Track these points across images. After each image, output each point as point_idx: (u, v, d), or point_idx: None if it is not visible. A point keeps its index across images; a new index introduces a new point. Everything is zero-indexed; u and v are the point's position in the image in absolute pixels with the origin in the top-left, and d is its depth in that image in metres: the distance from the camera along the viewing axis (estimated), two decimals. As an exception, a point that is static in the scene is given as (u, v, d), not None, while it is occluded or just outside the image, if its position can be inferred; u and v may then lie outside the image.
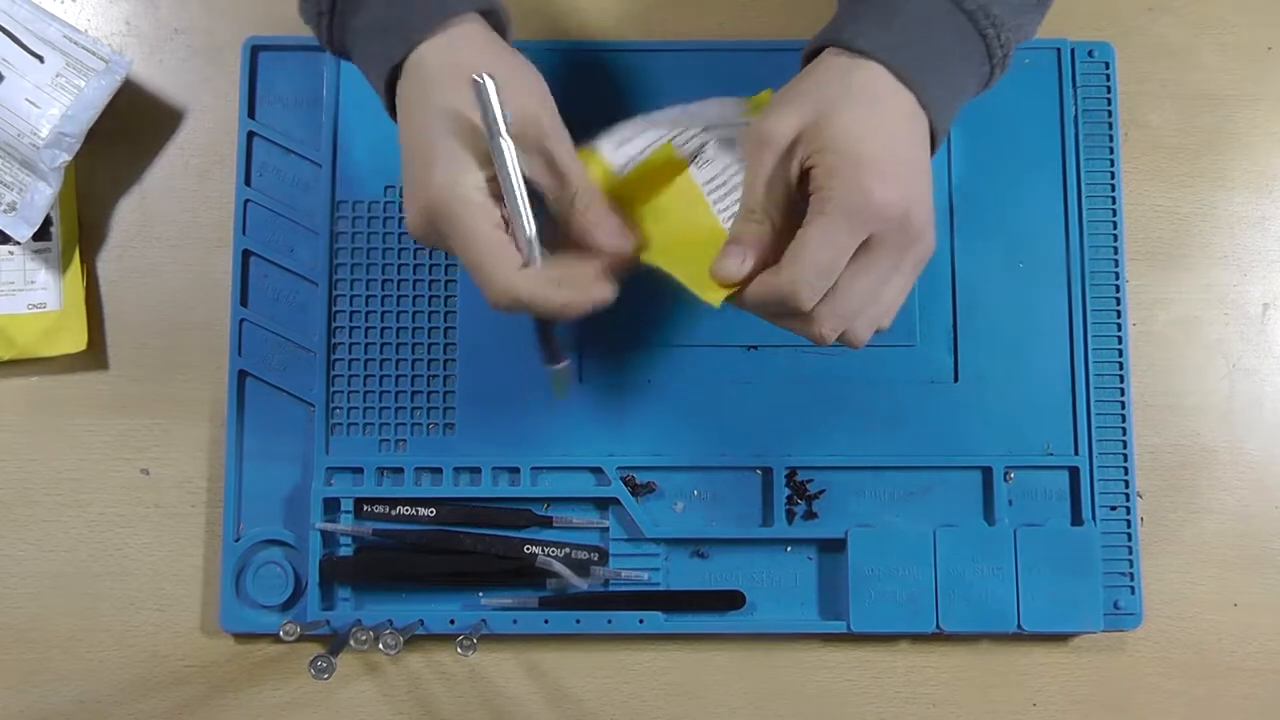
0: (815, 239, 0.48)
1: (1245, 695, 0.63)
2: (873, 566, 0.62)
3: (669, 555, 0.63)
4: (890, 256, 0.49)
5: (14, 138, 0.61)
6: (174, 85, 0.67)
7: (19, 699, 0.63)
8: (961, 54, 0.51)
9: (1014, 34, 0.52)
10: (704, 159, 0.55)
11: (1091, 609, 0.61)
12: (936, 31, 0.50)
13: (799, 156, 0.49)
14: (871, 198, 0.47)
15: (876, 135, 0.48)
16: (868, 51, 0.49)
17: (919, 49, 0.50)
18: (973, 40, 0.51)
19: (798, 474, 0.63)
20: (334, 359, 0.64)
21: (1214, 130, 0.67)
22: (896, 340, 0.64)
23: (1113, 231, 0.65)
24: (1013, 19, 0.52)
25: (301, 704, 0.63)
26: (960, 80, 0.52)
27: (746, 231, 0.50)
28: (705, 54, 0.66)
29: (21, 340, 0.63)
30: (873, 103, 0.49)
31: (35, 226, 0.62)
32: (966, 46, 0.51)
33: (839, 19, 0.52)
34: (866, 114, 0.49)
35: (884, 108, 0.49)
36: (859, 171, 0.47)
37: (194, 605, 0.63)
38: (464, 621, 0.61)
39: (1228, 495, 0.65)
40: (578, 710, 0.63)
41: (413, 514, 0.62)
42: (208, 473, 0.64)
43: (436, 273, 0.64)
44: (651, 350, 0.64)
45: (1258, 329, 0.66)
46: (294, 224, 0.64)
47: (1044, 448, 0.63)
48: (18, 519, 0.64)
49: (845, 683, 0.63)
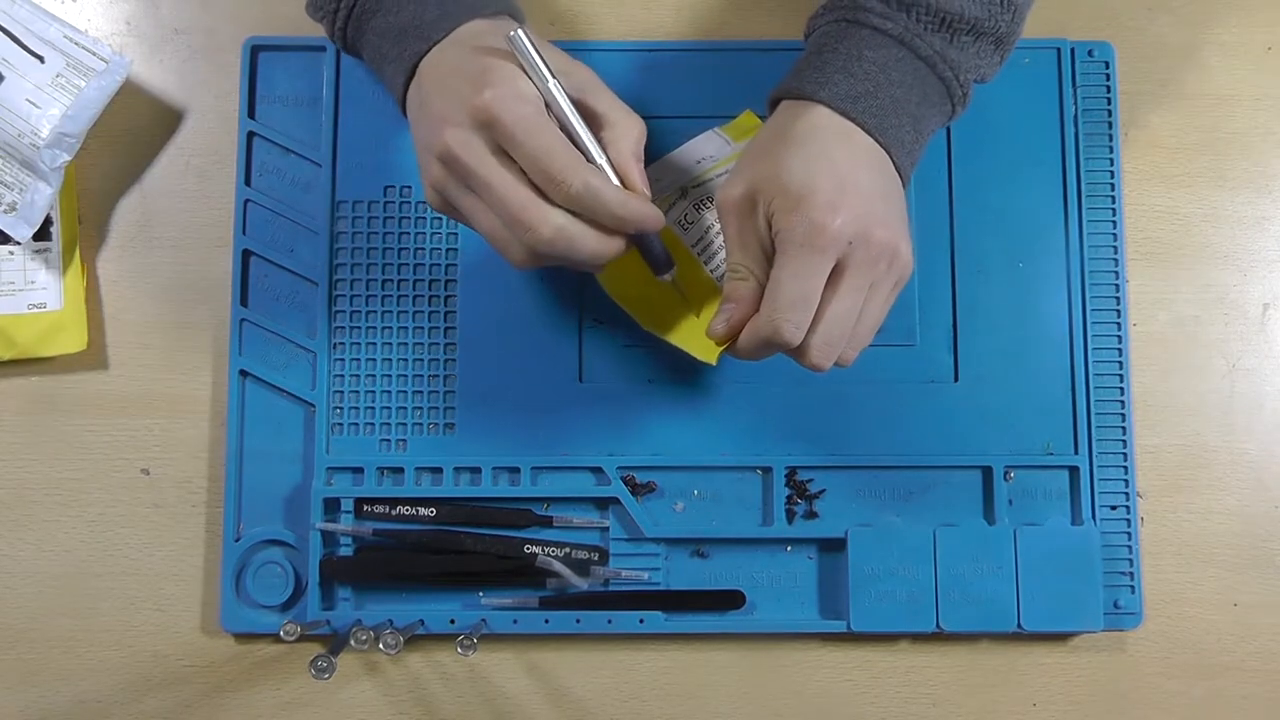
0: (783, 276, 0.51)
1: (1245, 695, 0.63)
2: (873, 566, 0.62)
3: (669, 555, 0.63)
4: (861, 277, 0.51)
5: (14, 138, 0.61)
6: (174, 85, 0.67)
7: (19, 699, 0.63)
8: (921, 95, 0.54)
9: (972, 74, 0.55)
10: (686, 222, 0.59)
11: (1091, 608, 0.61)
12: (896, 79, 0.53)
13: (762, 210, 0.52)
14: (825, 227, 0.50)
15: (824, 170, 0.51)
16: (821, 99, 0.52)
17: (881, 97, 0.53)
18: (931, 82, 0.54)
19: (798, 474, 0.63)
20: (334, 359, 0.64)
21: (1214, 130, 0.67)
22: (896, 340, 0.64)
23: (1113, 231, 0.65)
24: (970, 61, 0.55)
25: (301, 704, 0.63)
26: (922, 120, 0.54)
27: (733, 290, 0.53)
28: (705, 54, 0.66)
29: (21, 340, 0.63)
30: (821, 142, 0.52)
31: (35, 226, 0.62)
32: (926, 88, 0.54)
33: (799, 69, 0.55)
34: (816, 153, 0.51)
35: (832, 144, 0.52)
36: (808, 206, 0.50)
37: (194, 605, 0.63)
38: (464, 621, 0.61)
39: (1228, 495, 0.65)
40: (578, 710, 0.63)
41: (413, 514, 0.62)
42: (208, 473, 0.64)
43: (436, 273, 0.64)
44: (651, 350, 0.64)
45: (1258, 329, 0.66)
46: (294, 224, 0.64)
47: (1044, 447, 0.63)
48: (18, 519, 0.64)
49: (845, 683, 0.63)
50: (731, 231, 0.53)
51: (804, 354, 0.52)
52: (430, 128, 0.51)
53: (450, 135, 0.50)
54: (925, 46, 0.53)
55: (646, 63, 0.66)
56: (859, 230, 0.50)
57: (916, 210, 0.65)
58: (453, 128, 0.50)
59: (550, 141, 0.49)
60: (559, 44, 0.65)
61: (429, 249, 0.64)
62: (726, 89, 0.65)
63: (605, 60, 0.65)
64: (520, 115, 0.49)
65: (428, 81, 0.52)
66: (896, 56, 0.53)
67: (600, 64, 0.65)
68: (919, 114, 0.54)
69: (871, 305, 0.53)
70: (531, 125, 0.49)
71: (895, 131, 0.53)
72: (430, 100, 0.51)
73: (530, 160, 0.49)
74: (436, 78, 0.52)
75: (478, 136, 0.50)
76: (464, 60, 0.51)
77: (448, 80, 0.51)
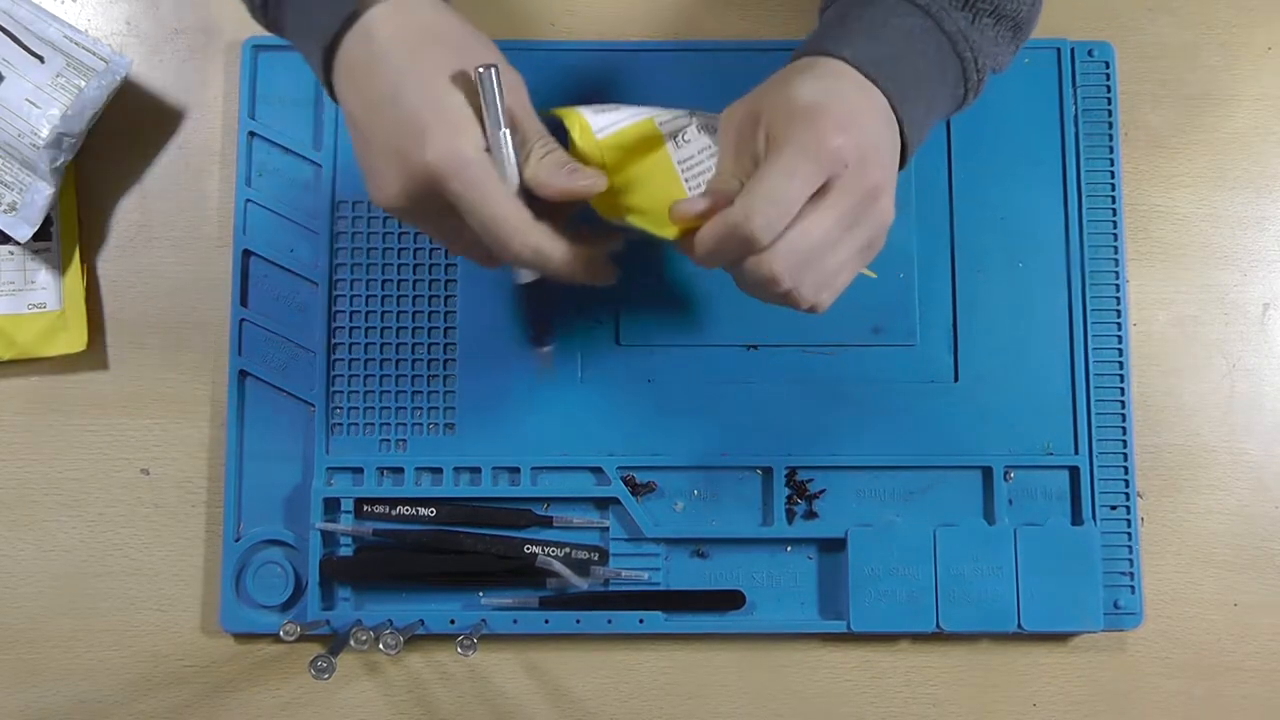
0: (769, 171, 0.48)
1: (1245, 695, 0.63)
2: (873, 566, 0.62)
3: (669, 555, 0.63)
4: (847, 202, 0.49)
5: (14, 138, 0.61)
6: (174, 85, 0.67)
7: (19, 699, 0.63)
8: (939, 72, 0.53)
9: (989, 61, 0.54)
10: (683, 139, 0.55)
11: (1091, 608, 0.61)
12: (918, 49, 0.52)
13: (764, 128, 0.49)
14: (826, 139, 0.47)
15: (837, 98, 0.49)
16: (845, 56, 0.50)
17: (901, 64, 0.51)
18: (950, 61, 0.53)
19: (798, 474, 0.63)
20: (334, 359, 0.64)
21: (1214, 130, 0.67)
22: (896, 340, 0.64)
23: (1113, 231, 0.65)
24: (989, 46, 0.53)
25: (301, 704, 0.63)
26: (935, 102, 0.53)
27: (716, 184, 0.51)
28: (705, 54, 0.66)
29: (21, 340, 0.63)
30: (838, 81, 0.50)
31: (35, 226, 0.62)
32: (944, 65, 0.53)
33: (820, 32, 0.53)
34: (831, 86, 0.49)
35: (849, 88, 0.50)
36: (815, 118, 0.48)
37: (194, 605, 0.63)
38: (464, 621, 0.61)
39: (1228, 495, 0.65)
40: (578, 710, 0.63)
41: (413, 514, 0.62)
42: (208, 473, 0.64)
43: (436, 273, 0.64)
44: (651, 350, 0.64)
45: (1258, 329, 0.66)
46: (294, 224, 0.64)
47: (1044, 447, 0.63)
48: (18, 519, 0.64)
49: (845, 683, 0.63)
50: (728, 144, 0.51)
51: (768, 261, 0.48)
52: (374, 156, 0.50)
53: (392, 187, 0.49)
54: (950, 22, 0.52)
55: (647, 63, 0.65)
56: (858, 158, 0.48)
57: (917, 210, 0.65)
58: (395, 179, 0.49)
59: (495, 210, 0.48)
60: (557, 44, 0.66)
61: (429, 249, 0.64)
62: (726, 89, 0.65)
63: (604, 60, 0.65)
64: (471, 179, 0.48)
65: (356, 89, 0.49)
66: (922, 27, 0.52)
67: (598, 64, 0.66)
68: (934, 95, 0.53)
69: (846, 243, 0.50)
70: (483, 189, 0.48)
71: (911, 107, 0.51)
72: (362, 124, 0.49)
73: (479, 226, 0.49)
74: (366, 91, 0.49)
75: (426, 192, 0.48)
76: (395, 83, 0.48)
77: (384, 109, 0.48)
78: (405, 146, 0.48)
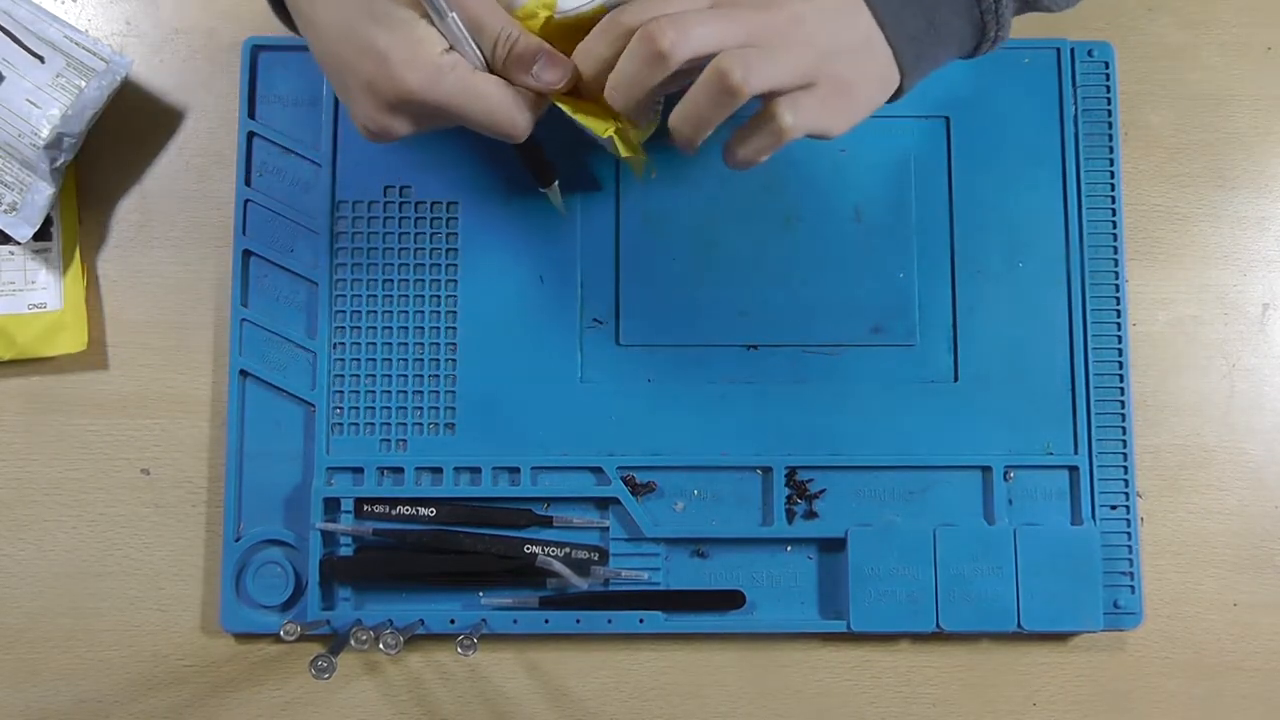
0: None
1: (1245, 695, 0.63)
2: (873, 566, 0.62)
3: (669, 555, 0.63)
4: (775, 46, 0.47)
5: (14, 138, 0.61)
6: (174, 85, 0.67)
7: (19, 699, 0.63)
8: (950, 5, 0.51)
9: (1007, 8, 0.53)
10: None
11: (1091, 608, 0.61)
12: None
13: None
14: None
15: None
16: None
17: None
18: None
19: (798, 474, 0.63)
20: (334, 359, 0.64)
21: (1214, 130, 0.67)
22: (896, 340, 0.64)
23: (1113, 231, 0.65)
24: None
25: (301, 704, 0.63)
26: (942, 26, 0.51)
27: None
28: (705, 54, 0.66)
29: (21, 340, 0.63)
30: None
31: (35, 226, 0.62)
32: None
33: None
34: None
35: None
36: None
37: (194, 605, 0.63)
38: (464, 621, 0.61)
39: (1228, 495, 0.65)
40: (578, 710, 0.63)
41: (413, 514, 0.62)
42: (208, 473, 0.64)
43: (436, 273, 0.64)
44: (651, 350, 0.64)
45: (1258, 329, 0.66)
46: (294, 224, 0.64)
47: (1044, 447, 0.63)
48: (18, 519, 0.64)
49: (845, 683, 0.63)
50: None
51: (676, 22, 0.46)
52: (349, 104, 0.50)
53: (372, 114, 0.49)
54: None
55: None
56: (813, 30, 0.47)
57: (917, 210, 0.65)
58: (375, 106, 0.49)
59: (490, 97, 0.49)
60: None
61: (429, 249, 0.64)
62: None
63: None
64: (451, 87, 0.48)
65: (315, 20, 0.50)
66: None
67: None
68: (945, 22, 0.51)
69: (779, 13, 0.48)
70: (468, 91, 0.49)
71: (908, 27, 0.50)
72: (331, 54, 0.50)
73: (473, 121, 0.50)
74: (323, 23, 0.49)
75: (409, 110, 0.49)
76: (348, 8, 0.48)
77: (346, 38, 0.49)
78: (373, 77, 0.48)
